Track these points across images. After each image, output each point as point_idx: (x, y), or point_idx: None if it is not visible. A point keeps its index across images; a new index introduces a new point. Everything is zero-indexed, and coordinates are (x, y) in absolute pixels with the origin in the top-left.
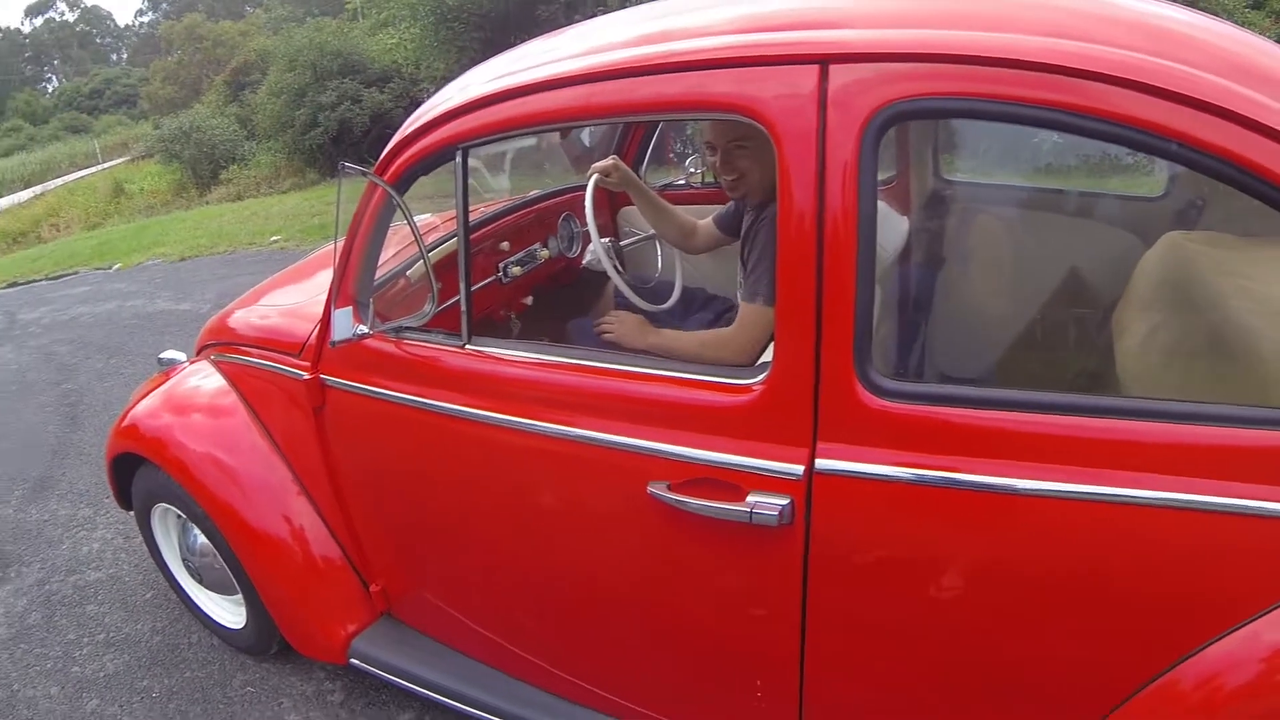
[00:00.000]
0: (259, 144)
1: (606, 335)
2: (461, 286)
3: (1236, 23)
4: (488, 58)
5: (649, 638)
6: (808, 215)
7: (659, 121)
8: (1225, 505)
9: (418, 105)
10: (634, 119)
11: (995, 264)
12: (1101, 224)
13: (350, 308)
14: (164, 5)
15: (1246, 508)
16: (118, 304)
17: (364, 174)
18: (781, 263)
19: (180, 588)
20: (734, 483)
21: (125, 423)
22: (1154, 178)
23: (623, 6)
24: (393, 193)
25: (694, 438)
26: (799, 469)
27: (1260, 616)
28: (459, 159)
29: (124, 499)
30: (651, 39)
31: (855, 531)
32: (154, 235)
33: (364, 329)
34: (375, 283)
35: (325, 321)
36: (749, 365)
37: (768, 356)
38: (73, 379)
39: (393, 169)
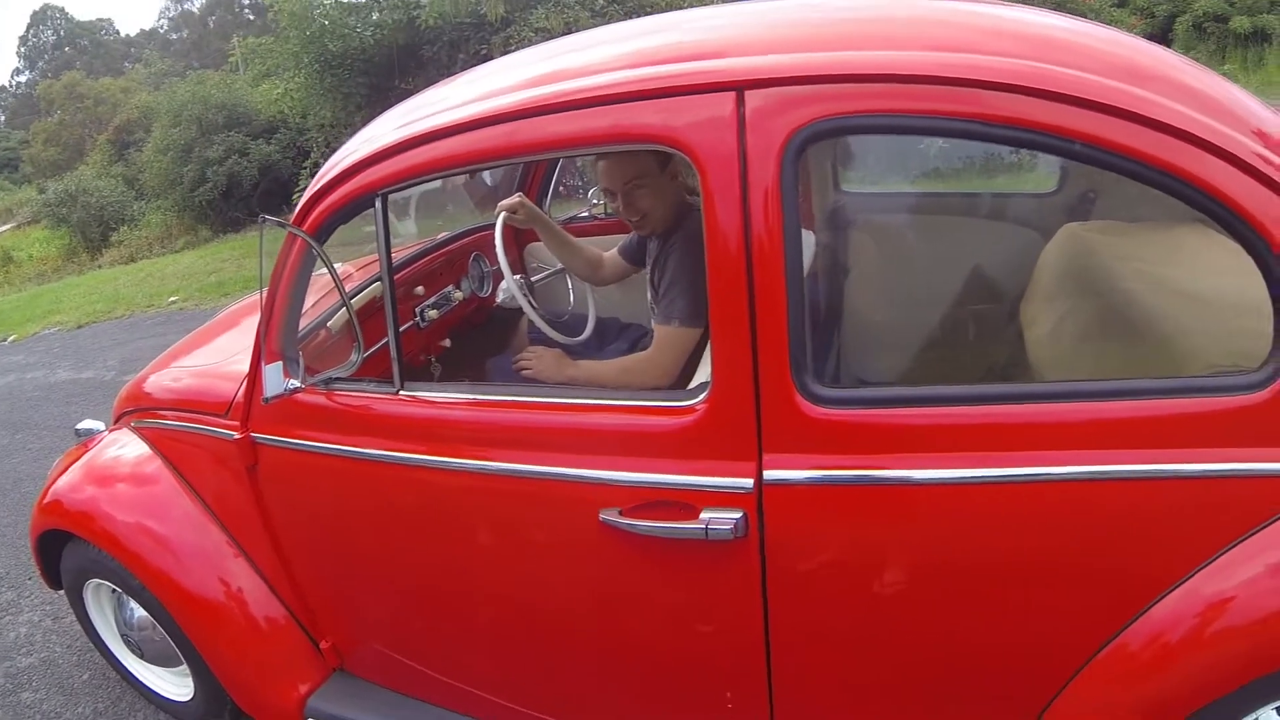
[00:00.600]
0: (148, 203)
1: (525, 371)
2: (390, 333)
3: (1105, 23)
4: (375, 102)
5: (613, 664)
6: (734, 236)
7: (578, 156)
8: (1149, 472)
9: (306, 155)
10: (555, 155)
11: (904, 269)
12: (1000, 222)
13: (279, 363)
14: (40, 64)
15: (1168, 471)
16: (16, 376)
17: (283, 225)
18: (713, 284)
19: (120, 664)
20: (686, 502)
21: (48, 498)
22: (1042, 174)
23: (505, 45)
24: (313, 243)
25: (641, 462)
26: (748, 482)
27: (1195, 573)
28: (378, 205)
29: (52, 578)
30: (565, 75)
31: (808, 537)
32: (48, 303)
33: (295, 383)
34: (299, 335)
35: (253, 378)
36: (669, 387)
37: (705, 376)
38: None
39: (311, 219)
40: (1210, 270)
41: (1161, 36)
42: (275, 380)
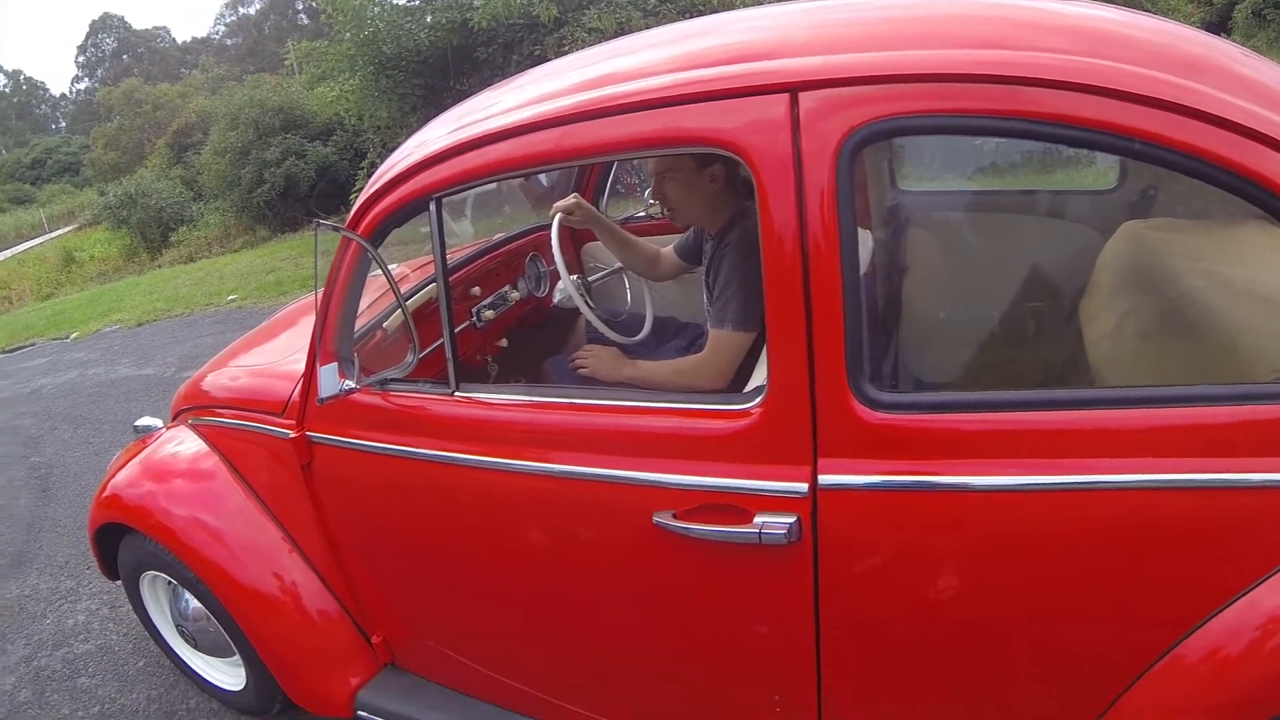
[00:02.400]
0: (206, 204)
1: (583, 370)
2: (445, 334)
3: (1162, 11)
4: (430, 103)
5: (663, 665)
6: (790, 239)
7: (631, 160)
8: (1209, 481)
9: (362, 156)
10: (607, 159)
11: (961, 269)
12: (1059, 220)
13: (334, 364)
14: (99, 72)
15: (1230, 481)
16: (79, 373)
17: (338, 229)
18: (769, 287)
19: (174, 654)
20: (740, 506)
21: (106, 493)
22: (1101, 170)
23: (558, 46)
24: (368, 247)
25: (696, 465)
26: (803, 486)
27: (1257, 585)
28: (433, 209)
29: (110, 569)
30: (616, 78)
31: (861, 541)
32: (109, 302)
33: (350, 384)
34: (354, 336)
35: (308, 379)
36: (723, 389)
37: (761, 379)
38: (40, 451)
39: (365, 222)
40: (1276, 269)
41: (1220, 24)
42: (330, 381)
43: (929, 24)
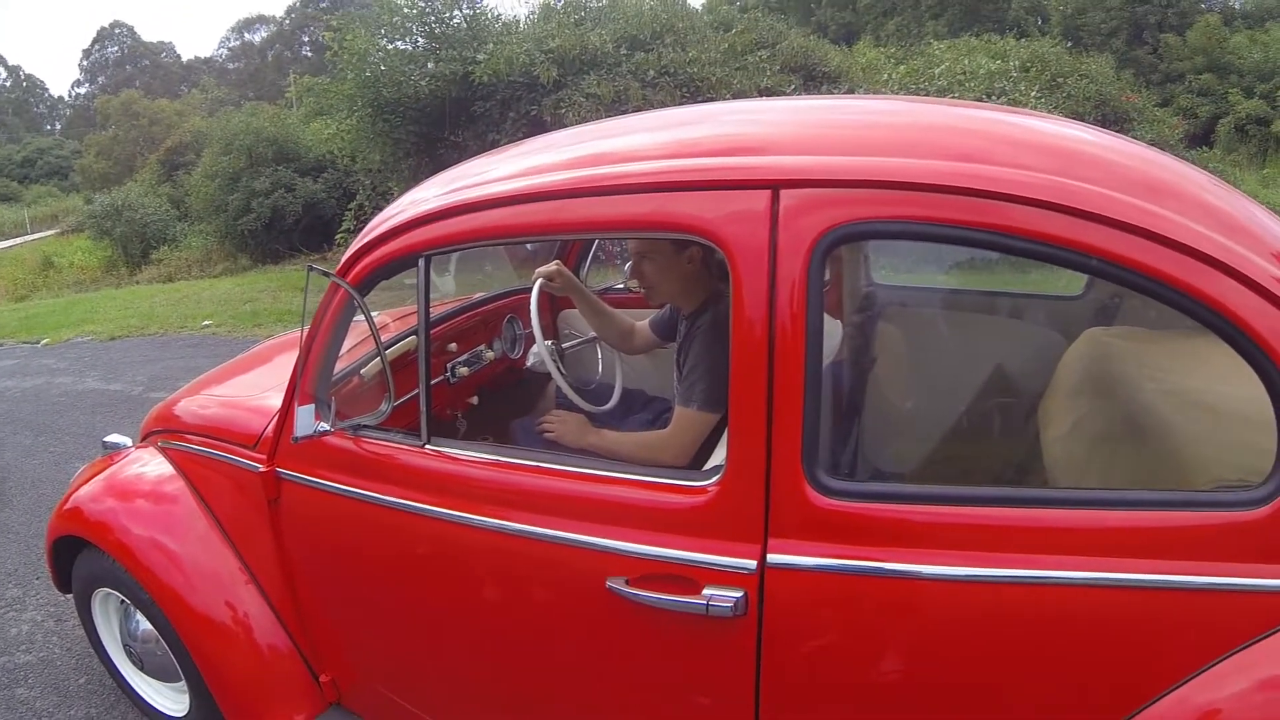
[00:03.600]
0: (191, 226)
1: (548, 434)
2: (421, 388)
3: (1148, 121)
4: (424, 151)
5: None
6: (759, 327)
7: (618, 239)
8: (1148, 581)
9: (351, 196)
10: (596, 235)
11: (925, 364)
12: (1025, 322)
13: (312, 405)
14: (100, 79)
15: (1167, 582)
16: (46, 380)
17: (328, 275)
18: (735, 372)
19: (119, 674)
20: (690, 577)
21: (68, 505)
22: (1068, 276)
23: (555, 108)
24: (356, 296)
25: (651, 535)
26: (752, 564)
27: (1186, 682)
28: (422, 265)
29: (63, 582)
30: (611, 158)
31: (805, 621)
32: (83, 312)
33: (325, 426)
34: (332, 379)
35: (284, 416)
36: (684, 466)
37: (720, 459)
38: None
39: (355, 271)
40: (1226, 382)
41: (1203, 137)
42: (306, 421)
43: (910, 132)
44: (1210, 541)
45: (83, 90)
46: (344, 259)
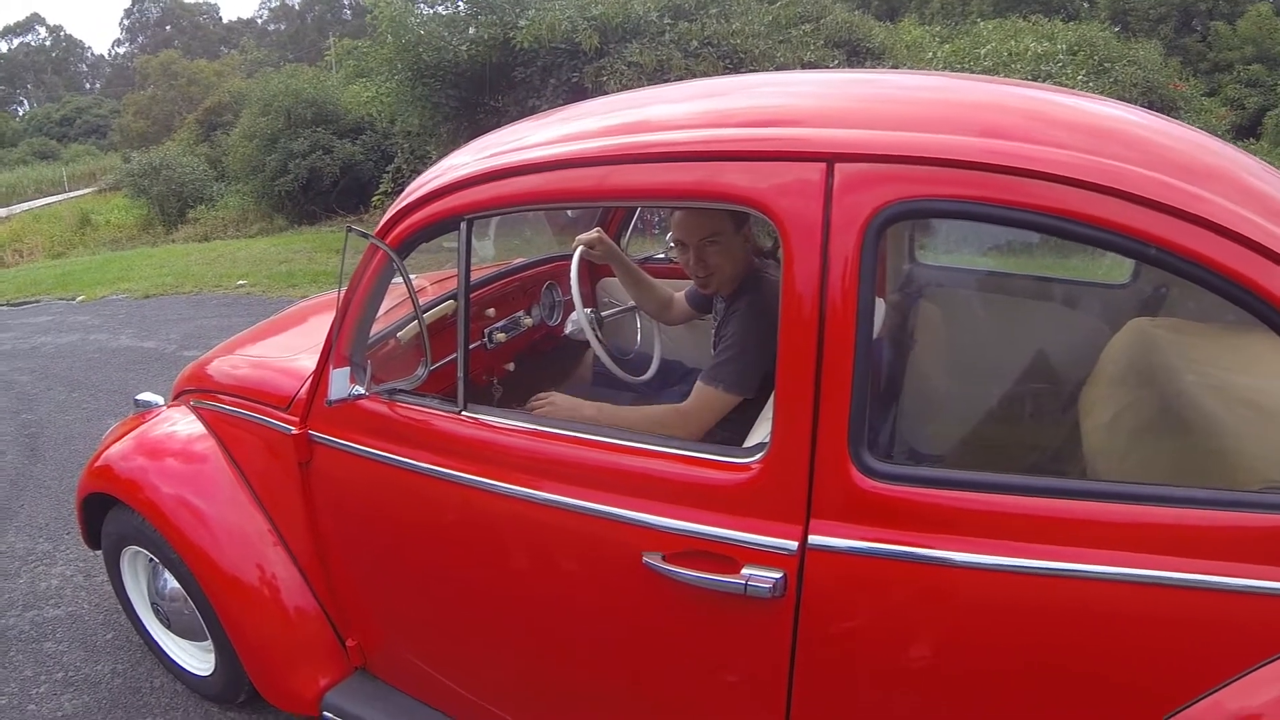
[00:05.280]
0: (228, 186)
1: (542, 413)
2: (460, 354)
3: (1195, 110)
4: (462, 115)
5: (633, 701)
6: (810, 303)
7: (663, 207)
8: (1187, 581)
9: (389, 159)
10: (642, 203)
11: (969, 348)
12: (1070, 309)
13: (347, 368)
14: (140, 39)
15: (1207, 583)
16: (80, 336)
17: (367, 237)
18: (783, 347)
19: (146, 631)
20: (729, 555)
21: (99, 463)
22: (1116, 263)
23: (596, 76)
24: (395, 258)
25: (690, 511)
26: (793, 544)
27: (1221, 688)
28: (463, 229)
29: (92, 538)
30: (660, 126)
31: (843, 604)
32: (119, 269)
33: (360, 389)
34: (368, 342)
35: (318, 378)
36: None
37: (764, 437)
38: (32, 409)
39: (395, 233)
40: (1278, 379)
41: (1250, 129)
42: (341, 385)
43: (965, 110)
44: (1254, 544)
45: (122, 50)
46: (383, 221)
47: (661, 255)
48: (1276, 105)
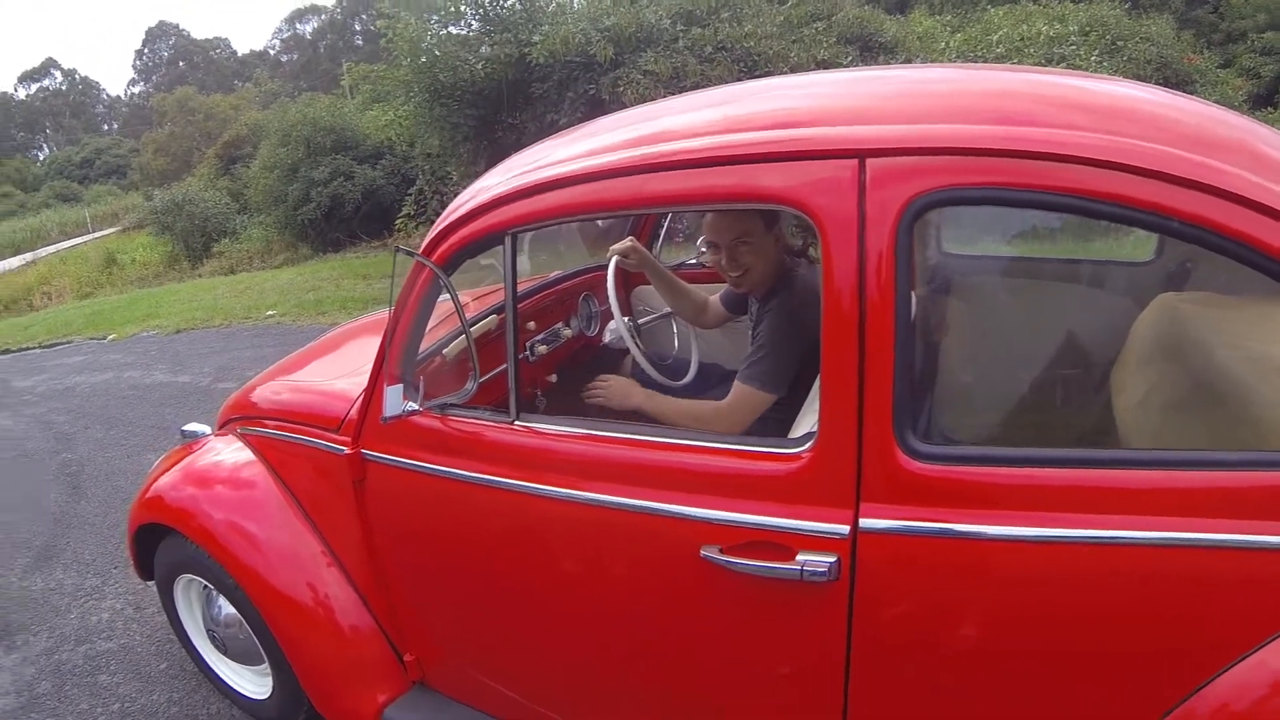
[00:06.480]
0: (251, 218)
1: (595, 399)
2: (510, 364)
3: (1211, 83)
4: (482, 134)
5: (697, 696)
6: (849, 295)
7: (703, 211)
8: (1226, 541)
9: (410, 182)
10: (680, 209)
11: (1000, 332)
12: (1096, 289)
13: (400, 385)
14: (155, 77)
15: (1245, 543)
16: (114, 374)
17: (414, 255)
18: (826, 339)
19: (201, 659)
20: (784, 544)
21: (149, 494)
22: (1139, 241)
23: (613, 87)
24: (442, 275)
25: (744, 503)
26: (845, 529)
27: (1266, 644)
28: (508, 244)
29: (144, 570)
30: (692, 133)
31: (896, 584)
32: (148, 307)
33: (414, 405)
34: (417, 359)
35: (369, 397)
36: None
37: (811, 427)
38: (72, 448)
39: (440, 251)
40: None
41: (1268, 97)
42: (395, 401)
43: (985, 99)
44: None
45: (137, 89)
46: (428, 239)
47: (693, 261)
48: None
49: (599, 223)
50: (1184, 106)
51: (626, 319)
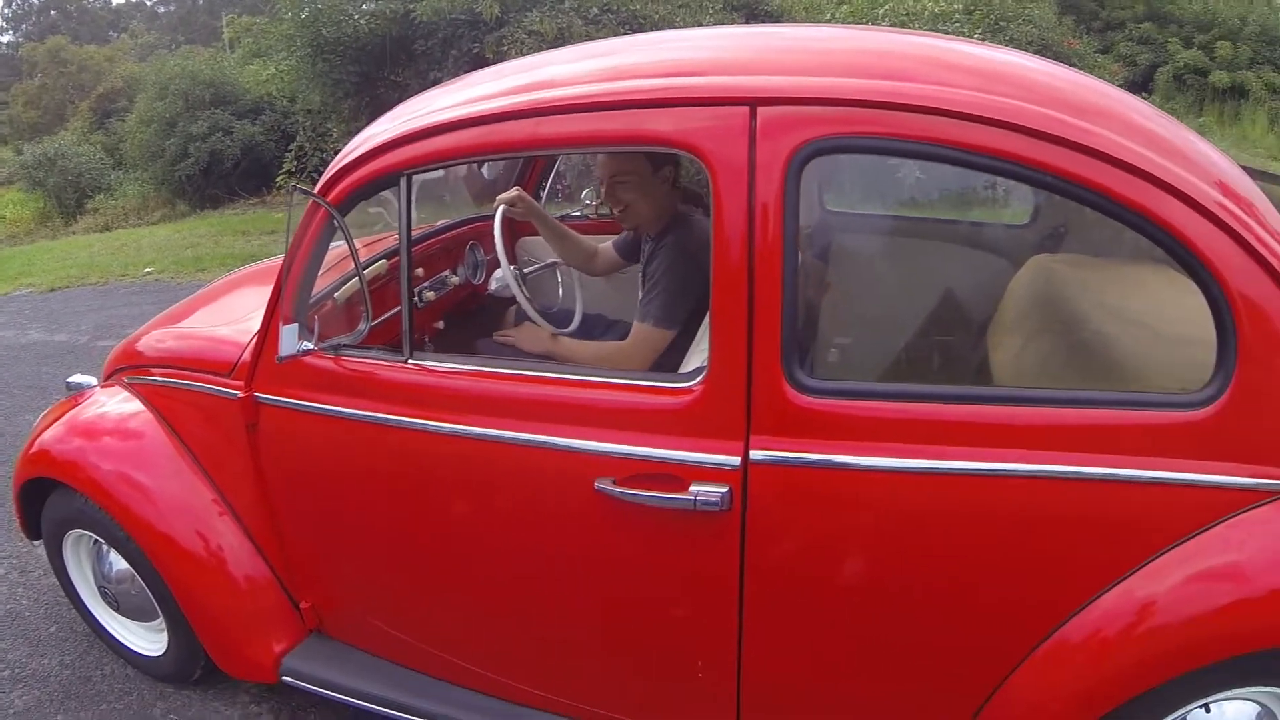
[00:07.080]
0: (126, 174)
1: (507, 342)
2: (404, 305)
3: (1087, 68)
4: (364, 91)
5: (593, 629)
6: (739, 237)
7: (596, 153)
8: (1095, 474)
9: (290, 138)
10: (575, 151)
11: (886, 280)
12: (975, 249)
13: (295, 325)
14: (24, 26)
15: (1112, 475)
16: None
17: (309, 194)
18: (716, 278)
19: (93, 617)
20: (677, 475)
21: (34, 449)
22: (1016, 207)
23: (498, 45)
24: (336, 215)
25: (637, 436)
26: (735, 460)
27: (1131, 574)
28: (403, 185)
29: (31, 529)
30: (593, 77)
31: (784, 513)
32: (20, 265)
33: (308, 345)
34: (310, 301)
35: (263, 339)
36: None
37: (702, 361)
38: None
39: (336, 191)
40: (1165, 306)
41: (1143, 84)
42: (290, 341)
43: (866, 56)
44: (1154, 439)
45: (6, 39)
46: (324, 179)
47: (578, 213)
48: (1167, 63)
49: (485, 174)
50: (1062, 75)
51: (513, 267)
